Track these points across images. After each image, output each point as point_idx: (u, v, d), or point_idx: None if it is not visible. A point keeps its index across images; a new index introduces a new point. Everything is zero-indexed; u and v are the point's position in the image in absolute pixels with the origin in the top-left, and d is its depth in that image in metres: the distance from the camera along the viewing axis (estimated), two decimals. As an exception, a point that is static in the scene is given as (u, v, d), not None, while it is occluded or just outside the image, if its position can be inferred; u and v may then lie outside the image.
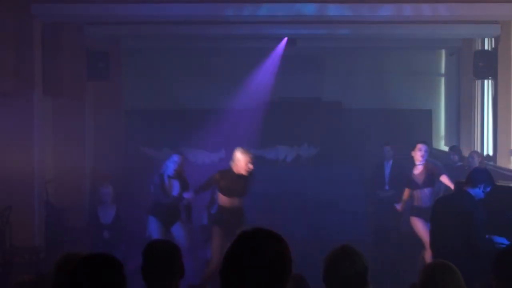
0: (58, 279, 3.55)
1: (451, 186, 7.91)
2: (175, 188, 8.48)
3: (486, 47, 11.92)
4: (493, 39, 11.36)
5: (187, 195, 8.30)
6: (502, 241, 6.08)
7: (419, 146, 8.63)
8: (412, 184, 8.64)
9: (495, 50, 11.00)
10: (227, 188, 7.79)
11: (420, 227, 8.24)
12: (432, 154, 11.90)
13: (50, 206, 10.27)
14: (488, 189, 5.93)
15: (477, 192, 5.87)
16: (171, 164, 8.52)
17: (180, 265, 3.83)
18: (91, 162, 11.74)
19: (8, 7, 9.19)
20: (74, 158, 11.15)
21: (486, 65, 10.95)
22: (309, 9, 9.54)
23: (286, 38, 12.82)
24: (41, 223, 9.62)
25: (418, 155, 8.56)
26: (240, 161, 7.78)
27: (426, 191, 8.52)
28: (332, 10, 9.54)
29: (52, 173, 10.96)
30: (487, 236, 5.95)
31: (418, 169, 8.52)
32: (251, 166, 7.82)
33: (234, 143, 12.93)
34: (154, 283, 3.77)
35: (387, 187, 11.29)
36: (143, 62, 14.39)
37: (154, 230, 8.37)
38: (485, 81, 11.83)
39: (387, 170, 11.34)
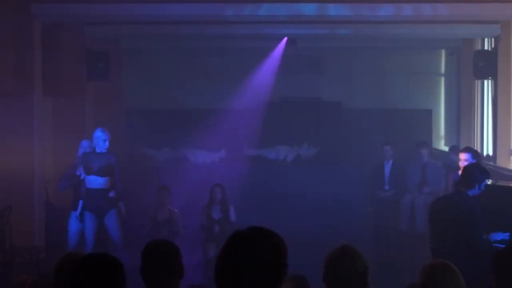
0: (58, 279, 3.55)
1: None
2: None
3: (486, 47, 11.92)
4: (493, 39, 11.35)
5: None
6: (501, 237, 6.08)
7: None
8: None
9: (495, 50, 11.00)
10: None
11: None
12: (432, 154, 11.91)
13: (50, 206, 10.27)
14: (484, 184, 5.93)
15: (474, 191, 5.88)
16: (82, 150, 8.64)
17: (179, 265, 3.83)
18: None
19: (8, 7, 9.19)
20: (74, 158, 11.12)
21: (486, 65, 10.95)
22: (309, 9, 9.54)
23: (286, 38, 12.82)
24: (41, 223, 9.62)
25: None
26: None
27: None
28: (332, 10, 9.54)
29: (52, 173, 10.95)
30: (485, 236, 5.96)
31: None
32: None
33: (234, 143, 13.02)
34: (153, 284, 3.77)
35: (387, 187, 11.30)
36: (143, 62, 14.39)
37: (88, 224, 8.41)
38: (485, 81, 11.83)
39: (387, 170, 11.35)
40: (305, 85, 14.44)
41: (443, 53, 14.96)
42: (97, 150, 8.40)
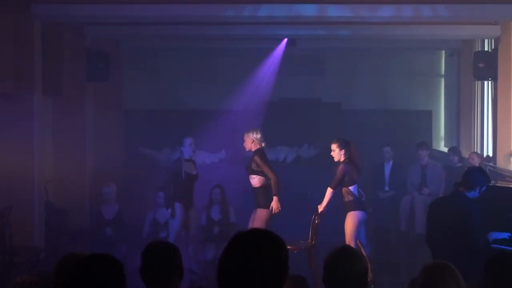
0: (58, 279, 3.55)
1: None
2: (193, 169, 8.80)
3: (486, 48, 11.92)
4: (493, 40, 11.36)
5: None
6: (501, 236, 6.09)
7: None
8: None
9: (495, 51, 10.99)
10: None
11: None
12: (432, 155, 11.92)
13: (50, 206, 10.28)
14: (484, 188, 5.95)
15: (473, 194, 5.89)
16: (188, 148, 8.74)
17: (179, 266, 3.83)
18: (91, 162, 11.74)
19: (8, 7, 9.19)
20: (74, 158, 11.15)
21: (486, 66, 10.94)
22: (309, 10, 9.54)
23: (286, 39, 12.82)
24: (41, 223, 9.62)
25: None
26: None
27: None
28: (332, 11, 9.54)
29: (52, 173, 10.96)
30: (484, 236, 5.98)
31: None
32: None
33: (234, 144, 13.01)
34: (153, 284, 3.77)
35: (386, 188, 11.31)
36: (143, 62, 14.39)
37: (179, 214, 8.57)
38: (485, 82, 11.83)
39: (387, 171, 11.36)
40: (305, 86, 14.45)
41: (443, 54, 14.97)
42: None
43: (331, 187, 8.15)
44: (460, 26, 11.02)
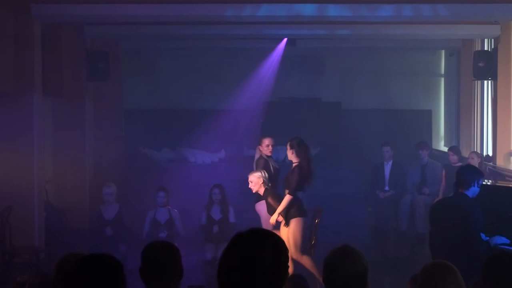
0: (58, 279, 3.55)
1: None
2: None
3: (486, 48, 11.92)
4: (493, 39, 11.36)
5: None
6: (503, 241, 6.09)
7: None
8: None
9: (495, 50, 11.00)
10: None
11: None
12: (432, 155, 11.92)
13: (50, 206, 10.28)
14: (481, 181, 5.95)
15: (473, 190, 5.88)
16: (265, 149, 8.87)
17: (179, 266, 3.83)
18: (91, 162, 11.74)
19: (8, 7, 9.19)
20: (74, 158, 11.16)
21: (486, 66, 10.95)
22: (309, 9, 9.54)
23: (285, 39, 12.83)
24: (41, 223, 9.62)
25: None
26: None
27: None
28: (332, 10, 9.54)
29: (52, 173, 10.96)
30: (487, 237, 5.97)
31: None
32: None
33: (234, 144, 13.03)
34: (153, 284, 3.77)
35: (386, 188, 11.30)
36: (143, 62, 14.40)
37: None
38: (485, 82, 11.83)
39: (387, 171, 11.35)
40: (305, 86, 14.46)
41: (443, 53, 14.97)
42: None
43: (291, 194, 7.59)
44: (460, 25, 11.02)
